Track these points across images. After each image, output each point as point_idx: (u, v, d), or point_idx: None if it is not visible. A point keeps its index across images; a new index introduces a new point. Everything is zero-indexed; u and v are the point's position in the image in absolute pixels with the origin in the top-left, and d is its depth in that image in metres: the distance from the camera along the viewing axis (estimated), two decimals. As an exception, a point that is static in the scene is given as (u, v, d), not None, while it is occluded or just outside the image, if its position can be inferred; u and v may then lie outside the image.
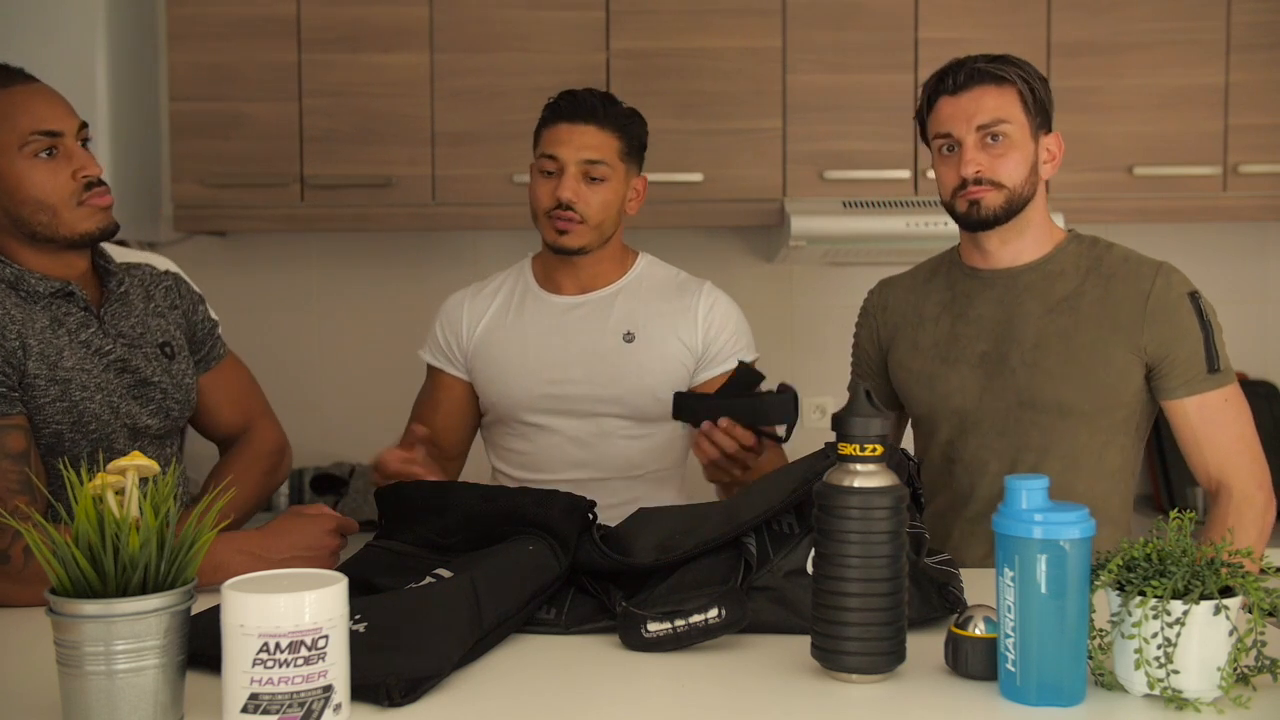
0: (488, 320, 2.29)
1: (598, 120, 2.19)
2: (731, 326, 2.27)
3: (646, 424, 2.25)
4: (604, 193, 2.19)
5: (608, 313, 2.25)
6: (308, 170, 3.15)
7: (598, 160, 2.18)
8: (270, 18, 3.13)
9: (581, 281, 2.27)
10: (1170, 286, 1.93)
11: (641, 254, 2.34)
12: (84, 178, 1.81)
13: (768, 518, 1.54)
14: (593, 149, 2.18)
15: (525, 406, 2.24)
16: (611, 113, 2.21)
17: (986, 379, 1.99)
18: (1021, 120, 1.92)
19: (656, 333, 2.24)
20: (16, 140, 1.77)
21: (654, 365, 2.22)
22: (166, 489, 1.20)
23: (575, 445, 2.24)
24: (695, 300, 2.27)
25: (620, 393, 2.22)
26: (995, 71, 1.92)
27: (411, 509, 1.71)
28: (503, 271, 2.38)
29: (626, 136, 2.21)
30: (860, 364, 2.20)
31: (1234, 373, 1.95)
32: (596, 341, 2.23)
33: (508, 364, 2.25)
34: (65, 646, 1.16)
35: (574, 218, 2.17)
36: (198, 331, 2.01)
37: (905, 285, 2.14)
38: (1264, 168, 3.15)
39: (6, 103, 1.78)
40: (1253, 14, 3.15)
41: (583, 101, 2.20)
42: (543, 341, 2.25)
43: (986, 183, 1.92)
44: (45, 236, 1.80)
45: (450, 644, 1.35)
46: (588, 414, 2.23)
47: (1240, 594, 1.24)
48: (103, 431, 1.82)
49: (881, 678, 1.33)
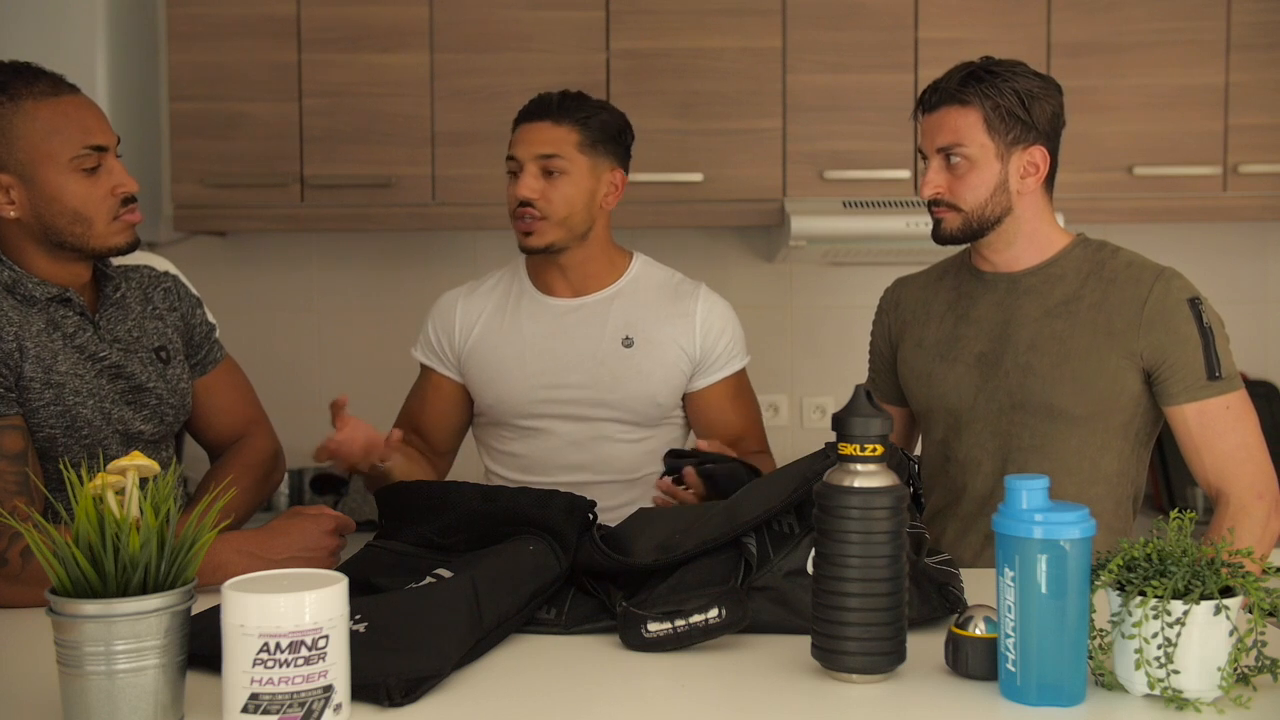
0: (483, 322, 2.28)
1: (551, 116, 2.18)
2: (729, 333, 2.27)
3: (643, 428, 2.25)
4: (564, 186, 2.17)
5: (605, 316, 2.24)
6: (308, 170, 3.15)
7: (551, 154, 2.16)
8: (270, 18, 3.13)
9: (573, 284, 2.26)
10: (1169, 292, 1.92)
11: (636, 255, 2.32)
12: (122, 194, 1.82)
13: (768, 518, 1.54)
14: (546, 143, 2.17)
15: (522, 410, 2.24)
16: (568, 107, 2.19)
17: (981, 379, 1.99)
18: (982, 142, 1.93)
19: (655, 338, 2.23)
20: (68, 152, 1.77)
21: (653, 370, 2.22)
22: (166, 489, 1.20)
23: (572, 448, 2.23)
24: (693, 305, 2.26)
25: (620, 397, 2.21)
26: (959, 93, 1.93)
27: (411, 509, 1.71)
28: (497, 271, 2.37)
29: (586, 128, 2.19)
30: (874, 360, 2.22)
31: (1239, 380, 1.93)
32: (595, 345, 2.22)
33: (504, 367, 2.24)
34: (65, 646, 1.16)
35: (535, 214, 2.16)
36: (195, 334, 2.01)
37: (918, 284, 2.16)
38: (1264, 168, 3.15)
39: (58, 113, 1.78)
40: (1253, 14, 3.15)
41: (541, 101, 2.21)
42: (540, 345, 2.24)
43: (944, 204, 1.96)
44: (73, 246, 1.80)
45: (450, 644, 1.35)
46: (585, 418, 2.22)
47: (1240, 594, 1.24)
48: (95, 436, 1.81)
49: (881, 678, 1.33)
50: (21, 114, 1.75)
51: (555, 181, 2.17)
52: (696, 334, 2.24)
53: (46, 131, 1.76)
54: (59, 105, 1.78)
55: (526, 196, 2.16)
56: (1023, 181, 1.95)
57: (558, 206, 2.17)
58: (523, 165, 2.18)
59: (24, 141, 1.75)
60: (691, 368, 2.25)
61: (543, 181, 2.17)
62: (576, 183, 2.18)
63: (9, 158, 1.76)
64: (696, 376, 2.25)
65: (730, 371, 2.26)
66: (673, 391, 2.24)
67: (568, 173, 2.17)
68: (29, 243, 1.80)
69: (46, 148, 1.76)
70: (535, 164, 2.17)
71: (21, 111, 1.75)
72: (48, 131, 1.76)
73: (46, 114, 1.77)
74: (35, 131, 1.76)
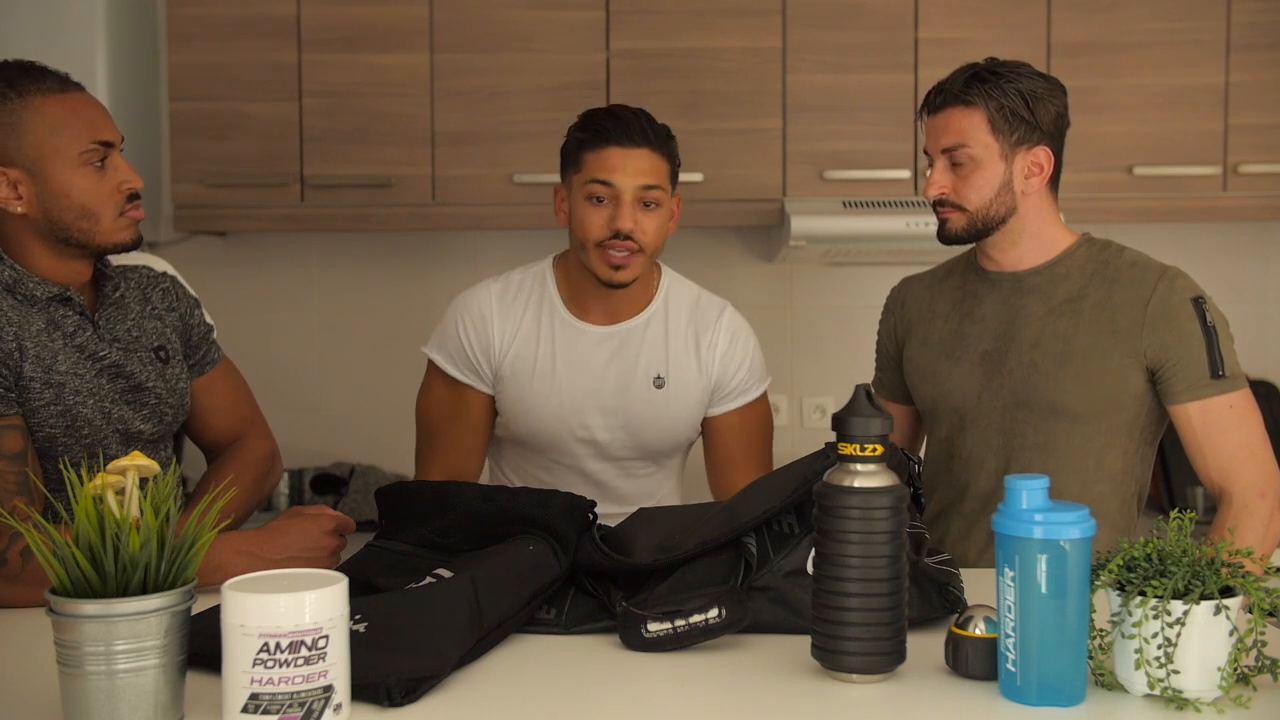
0: (518, 345, 2.17)
1: (650, 144, 2.08)
2: (748, 364, 2.23)
3: (661, 463, 2.26)
4: (659, 218, 2.10)
5: (638, 349, 2.18)
6: (308, 170, 3.15)
7: (654, 185, 2.07)
8: (270, 18, 3.13)
9: (612, 310, 2.18)
10: (1173, 292, 1.93)
11: (665, 270, 2.25)
12: (128, 190, 1.82)
13: (768, 518, 1.54)
14: (649, 174, 2.07)
15: (554, 447, 2.20)
16: (660, 135, 2.10)
17: (986, 377, 2.00)
18: (986, 142, 1.93)
19: (683, 375, 2.19)
20: (77, 147, 1.78)
21: (681, 410, 2.20)
22: (166, 489, 1.20)
23: (594, 486, 2.21)
24: (715, 335, 2.20)
25: (648, 439, 2.19)
26: (964, 94, 1.94)
27: (411, 509, 1.71)
28: (519, 272, 2.24)
29: (673, 159, 2.13)
30: (880, 359, 2.23)
31: (1243, 379, 1.93)
32: (627, 384, 2.17)
33: (538, 402, 2.16)
34: (65, 647, 1.16)
35: (633, 248, 2.07)
36: (193, 335, 2.01)
37: (924, 283, 2.17)
38: (1264, 168, 3.15)
39: (66, 108, 1.78)
40: (1253, 14, 3.15)
41: (631, 123, 2.08)
42: (575, 382, 2.16)
43: (949, 205, 1.97)
44: (79, 242, 1.80)
45: (450, 644, 1.35)
46: (611, 458, 2.21)
47: (1240, 594, 1.24)
48: (95, 436, 1.81)
49: (881, 678, 1.33)
50: (30, 109, 1.76)
51: (651, 214, 2.08)
52: (716, 364, 2.20)
53: (55, 127, 1.77)
54: (66, 101, 1.79)
55: (630, 230, 2.05)
56: (1027, 182, 1.96)
57: (652, 239, 2.09)
58: (620, 195, 2.06)
59: (33, 136, 1.76)
60: (709, 396, 2.22)
61: (641, 213, 2.08)
62: (666, 214, 2.13)
63: (17, 153, 1.76)
64: (714, 404, 2.23)
65: (745, 400, 2.23)
66: (695, 429, 2.24)
67: (662, 204, 2.10)
68: (33, 239, 1.81)
69: (55, 143, 1.77)
70: (635, 194, 2.06)
71: (30, 107, 1.76)
72: (56, 127, 1.77)
73: (55, 109, 1.77)
74: (44, 126, 1.76)
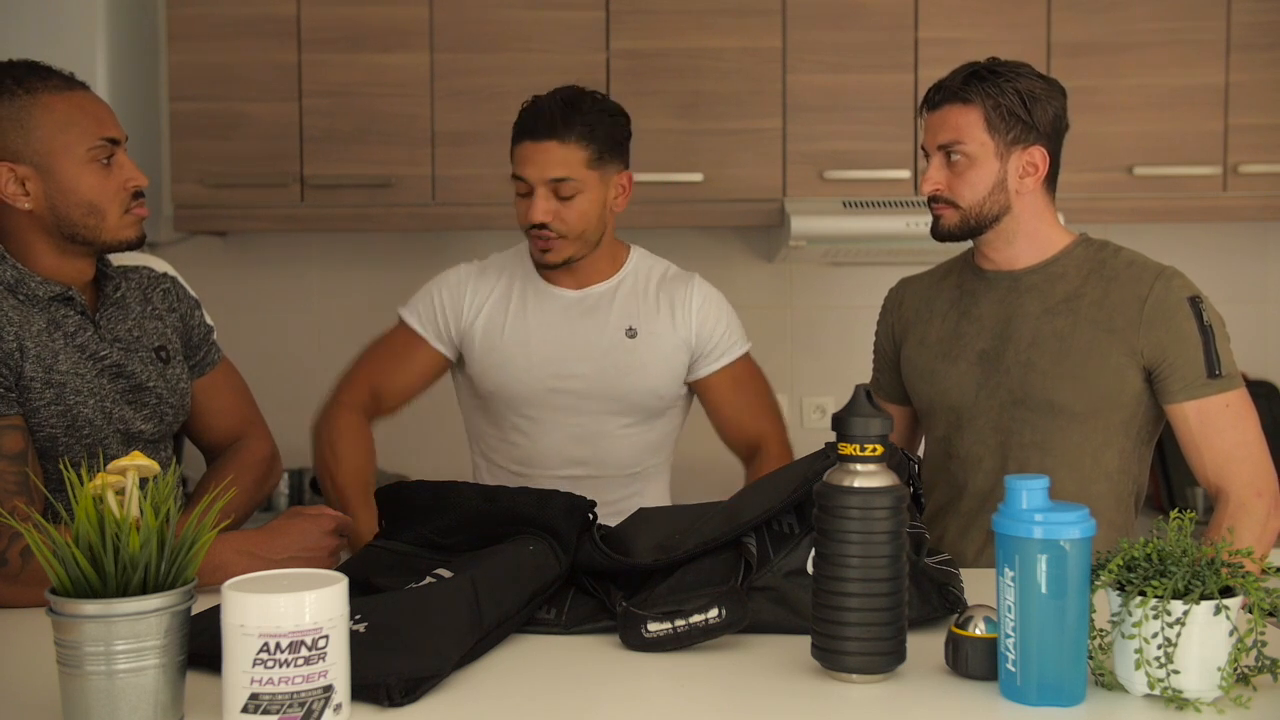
0: (489, 307, 2.27)
1: (558, 135, 2.12)
2: (725, 321, 2.29)
3: (643, 422, 2.26)
4: (579, 205, 2.15)
5: (609, 307, 2.26)
6: (308, 170, 3.15)
7: (563, 178, 2.13)
8: (270, 18, 3.13)
9: (578, 277, 2.27)
10: (1170, 291, 1.93)
11: (633, 248, 2.33)
12: (133, 187, 1.83)
13: (768, 518, 1.54)
14: (557, 166, 2.12)
15: (527, 400, 2.24)
16: (572, 123, 2.13)
17: (983, 376, 2.00)
18: (982, 140, 1.94)
19: (657, 329, 2.25)
20: (84, 144, 1.79)
21: (656, 362, 2.24)
22: (166, 489, 1.20)
23: (573, 443, 2.24)
24: (688, 296, 2.28)
25: (624, 389, 2.23)
26: (961, 92, 1.95)
27: (411, 509, 1.71)
28: (500, 253, 2.35)
29: (594, 142, 2.14)
30: (878, 359, 2.24)
31: (1239, 378, 1.93)
32: (599, 337, 2.24)
33: (510, 357, 2.24)
34: (65, 646, 1.16)
35: (550, 235, 2.15)
36: (193, 336, 2.01)
37: (922, 283, 2.17)
38: (1264, 168, 3.15)
39: (73, 106, 1.79)
40: (1253, 14, 3.15)
41: (542, 115, 2.14)
42: (546, 335, 2.24)
43: (943, 201, 1.98)
44: (85, 239, 1.81)
45: (450, 644, 1.35)
46: (588, 411, 2.23)
47: (1240, 594, 1.24)
48: (96, 436, 1.81)
49: (881, 678, 1.33)
50: (39, 106, 1.77)
51: (569, 203, 2.15)
52: (693, 323, 2.26)
53: (63, 124, 1.78)
54: (73, 99, 1.80)
55: (541, 220, 2.14)
56: (1021, 181, 1.96)
57: (573, 225, 2.16)
58: (533, 188, 2.14)
59: (41, 133, 1.77)
60: (690, 356, 2.27)
61: (556, 203, 2.14)
62: (591, 198, 2.16)
63: (25, 149, 1.77)
64: (698, 365, 2.28)
65: (732, 358, 2.29)
66: (672, 382, 2.26)
67: (581, 192, 2.15)
68: (38, 236, 1.81)
69: (63, 139, 1.77)
70: (547, 187, 2.14)
71: (39, 104, 1.77)
72: (64, 124, 1.78)
73: (63, 107, 1.78)
74: (52, 123, 1.77)
